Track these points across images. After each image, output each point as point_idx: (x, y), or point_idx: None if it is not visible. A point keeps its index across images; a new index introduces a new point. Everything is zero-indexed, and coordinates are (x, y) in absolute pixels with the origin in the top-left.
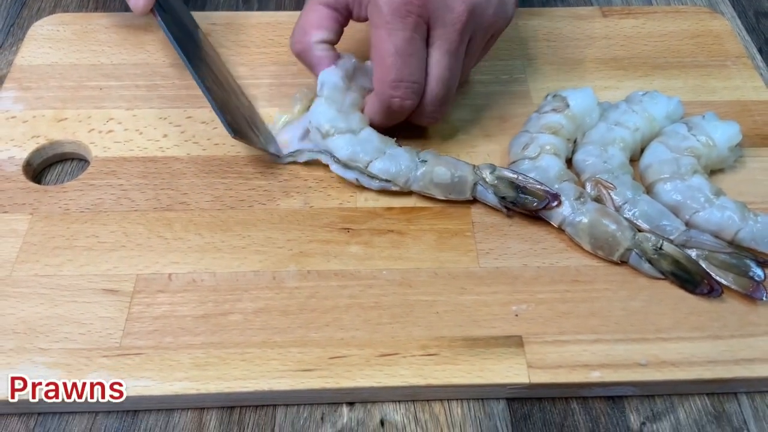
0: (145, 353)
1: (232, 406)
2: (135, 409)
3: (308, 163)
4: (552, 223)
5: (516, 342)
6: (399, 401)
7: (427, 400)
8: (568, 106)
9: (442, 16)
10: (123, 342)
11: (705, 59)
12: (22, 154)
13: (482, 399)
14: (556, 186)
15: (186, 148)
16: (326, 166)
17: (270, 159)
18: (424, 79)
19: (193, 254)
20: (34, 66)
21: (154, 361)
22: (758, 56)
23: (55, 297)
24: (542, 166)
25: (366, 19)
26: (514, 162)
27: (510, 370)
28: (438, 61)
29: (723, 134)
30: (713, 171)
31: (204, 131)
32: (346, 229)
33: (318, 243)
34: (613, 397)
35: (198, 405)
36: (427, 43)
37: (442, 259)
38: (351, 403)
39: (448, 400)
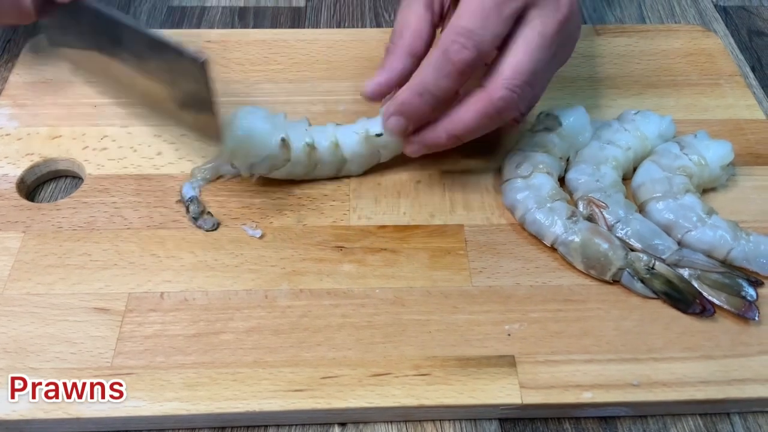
0: (136, 373)
1: (223, 426)
2: (125, 430)
3: (302, 182)
4: (544, 242)
5: (508, 362)
6: (391, 422)
7: (420, 421)
8: (560, 124)
9: (545, 2)
10: (114, 362)
11: (698, 77)
12: (16, 171)
13: (474, 419)
14: (548, 205)
15: (180, 166)
16: (322, 183)
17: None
18: (492, 45)
19: (185, 273)
20: (29, 83)
21: (145, 381)
22: (751, 75)
23: (46, 316)
24: (535, 184)
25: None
26: (507, 180)
27: (502, 391)
28: (529, 39)
29: (715, 153)
30: (706, 190)
31: (198, 149)
32: (339, 247)
33: (311, 261)
34: (606, 417)
35: (189, 425)
36: (519, 23)
37: (435, 277)
38: (343, 424)
39: (440, 420)
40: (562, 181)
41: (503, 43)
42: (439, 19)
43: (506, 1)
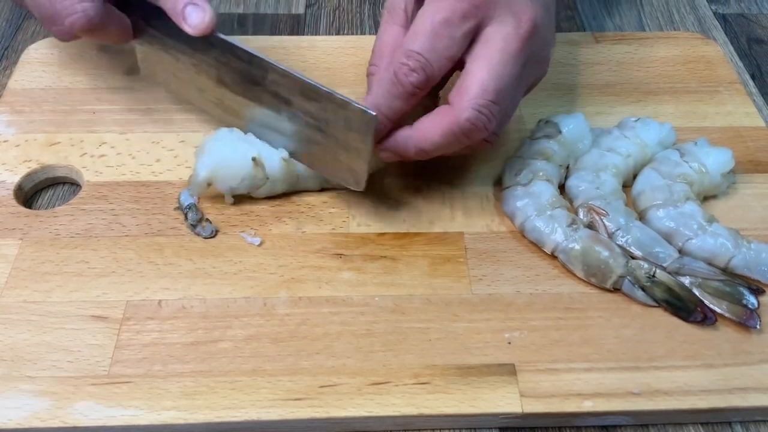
0: (134, 381)
1: None
2: None
3: (300, 190)
4: (544, 250)
5: (509, 370)
6: (391, 431)
7: (419, 430)
8: (560, 132)
9: (504, 18)
10: (111, 370)
11: (697, 85)
12: (14, 178)
13: (475, 429)
14: (548, 212)
15: (179, 173)
16: (318, 192)
17: None
18: (441, 67)
19: (183, 280)
20: (27, 89)
21: (143, 390)
22: (750, 82)
23: (43, 324)
24: (535, 192)
25: None
26: (507, 187)
27: (503, 399)
28: (490, 56)
29: (716, 161)
30: (706, 197)
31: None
32: (338, 254)
33: (310, 269)
34: (607, 426)
35: None
36: (477, 42)
37: (435, 285)
38: None
39: (440, 429)
40: (562, 188)
41: (467, 61)
42: None
43: (457, 21)
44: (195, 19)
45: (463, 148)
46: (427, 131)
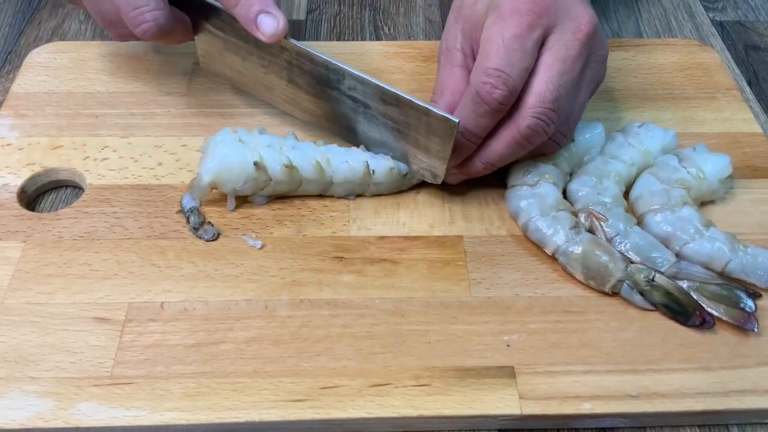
0: (136, 383)
1: None
2: None
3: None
4: (546, 251)
5: (508, 372)
6: None
7: (419, 431)
8: (573, 139)
9: (564, 25)
10: (114, 371)
11: (694, 91)
12: (17, 181)
13: (474, 430)
14: (552, 214)
15: (181, 176)
16: (319, 196)
17: None
18: (521, 79)
19: (185, 283)
20: (30, 93)
21: (145, 391)
22: (748, 88)
23: (46, 325)
24: (540, 193)
25: None
26: (513, 186)
27: (501, 401)
28: (549, 65)
29: (713, 166)
30: (704, 202)
31: (198, 159)
32: (338, 257)
33: (311, 272)
34: (605, 428)
35: None
36: (542, 51)
37: (435, 288)
38: None
39: (440, 431)
40: (564, 194)
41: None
42: None
43: (526, 34)
44: (268, 28)
45: (531, 153)
46: (493, 146)
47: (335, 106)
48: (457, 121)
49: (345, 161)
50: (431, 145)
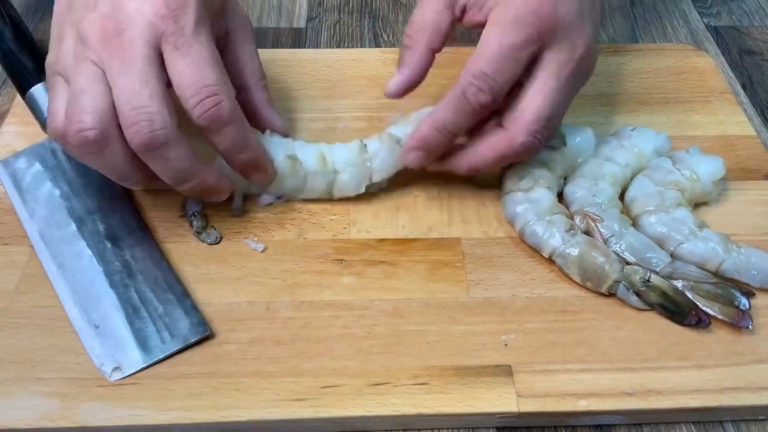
0: (140, 383)
1: None
2: None
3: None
4: (542, 254)
5: (505, 371)
6: (390, 430)
7: (418, 430)
8: (564, 144)
9: (561, 44)
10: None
11: (689, 95)
12: None
13: (472, 428)
14: (548, 218)
15: None
16: (321, 200)
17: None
18: (507, 87)
19: (188, 285)
20: None
21: (149, 391)
22: (742, 92)
23: (52, 327)
24: (535, 198)
25: (474, 25)
26: (508, 192)
27: (499, 399)
28: (545, 83)
29: (707, 169)
30: (698, 204)
31: None
32: (339, 260)
33: (311, 274)
34: (601, 425)
35: None
36: (537, 66)
37: (434, 289)
38: None
39: (438, 429)
40: (559, 197)
41: (525, 82)
42: (460, 18)
43: (523, 46)
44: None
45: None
46: (483, 153)
47: None
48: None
49: (343, 147)
50: None
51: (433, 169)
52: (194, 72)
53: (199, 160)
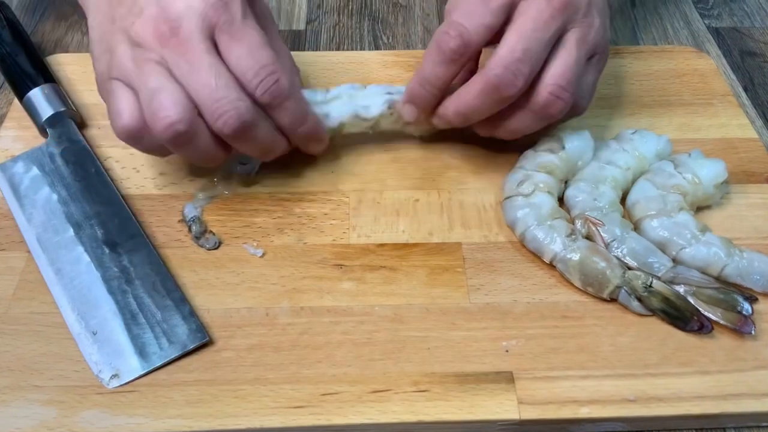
0: (139, 390)
1: None
2: None
3: (301, 200)
4: (543, 259)
5: (506, 378)
6: None
7: None
8: (563, 148)
9: (576, 17)
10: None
11: (691, 98)
12: None
13: None
14: (548, 223)
15: (182, 186)
16: (321, 203)
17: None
18: (478, 33)
19: (187, 291)
20: None
21: (148, 398)
22: (743, 94)
23: (50, 334)
24: (535, 203)
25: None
26: (508, 197)
27: (500, 407)
28: (520, 24)
29: (709, 172)
30: (700, 207)
31: (200, 169)
32: (338, 265)
33: (311, 279)
34: None
35: None
36: (513, 14)
37: (434, 294)
38: None
39: None
40: (560, 200)
41: (504, 32)
42: None
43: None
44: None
45: (546, 124)
46: (463, 95)
47: None
48: None
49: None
50: None
51: (437, 123)
52: (251, 55)
53: (277, 129)
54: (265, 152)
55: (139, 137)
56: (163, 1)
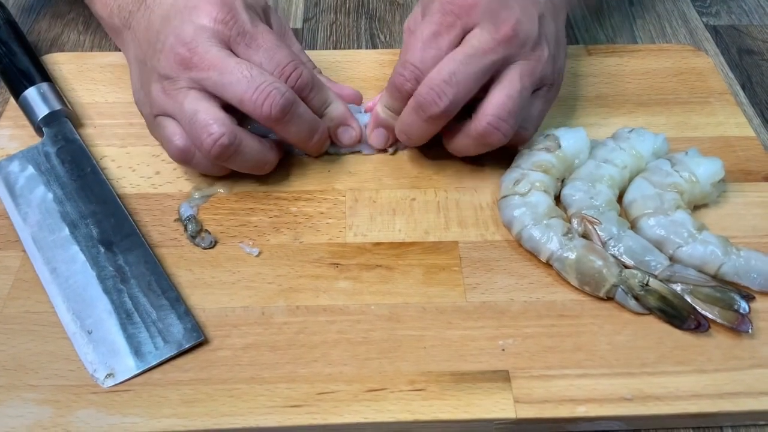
0: (134, 390)
1: None
2: None
3: (297, 199)
4: (540, 258)
5: (503, 377)
6: None
7: None
8: (559, 146)
9: (484, 25)
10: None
11: (688, 96)
12: None
13: None
14: (545, 222)
15: (178, 185)
16: (317, 201)
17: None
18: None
19: (183, 290)
20: None
21: (143, 398)
22: (741, 93)
23: (45, 334)
24: (532, 201)
25: None
26: (505, 196)
27: (497, 405)
28: (454, 53)
29: (706, 170)
30: (697, 206)
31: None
32: (335, 264)
33: (307, 278)
34: (600, 431)
35: None
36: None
37: (430, 293)
38: None
39: None
40: (557, 198)
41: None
42: None
43: (443, 32)
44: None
45: (488, 150)
46: (402, 115)
47: None
48: None
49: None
50: None
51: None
52: (271, 58)
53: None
54: (311, 132)
55: (190, 158)
56: (177, 29)
